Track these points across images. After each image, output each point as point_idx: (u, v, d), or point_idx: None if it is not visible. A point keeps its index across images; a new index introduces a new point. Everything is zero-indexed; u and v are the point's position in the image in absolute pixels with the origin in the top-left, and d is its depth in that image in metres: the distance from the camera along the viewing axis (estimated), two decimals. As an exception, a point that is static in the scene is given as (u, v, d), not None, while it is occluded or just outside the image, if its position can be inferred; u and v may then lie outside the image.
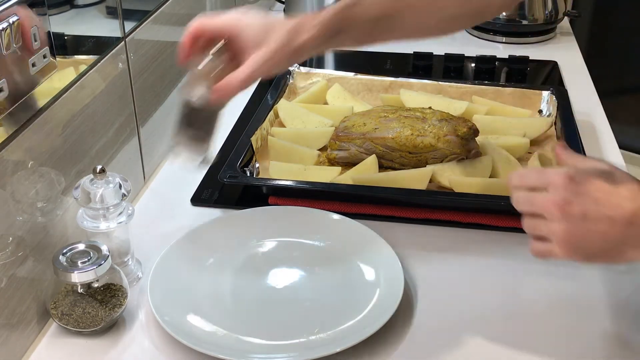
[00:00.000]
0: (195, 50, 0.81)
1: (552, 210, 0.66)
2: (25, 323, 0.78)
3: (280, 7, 1.79)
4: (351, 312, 0.83)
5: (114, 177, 0.82)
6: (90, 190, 0.81)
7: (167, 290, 0.84)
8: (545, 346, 0.80)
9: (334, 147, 1.11)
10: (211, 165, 1.12)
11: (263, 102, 1.24)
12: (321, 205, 0.99)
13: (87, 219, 0.83)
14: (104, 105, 0.95)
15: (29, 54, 0.75)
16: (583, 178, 0.66)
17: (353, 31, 0.83)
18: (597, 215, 0.65)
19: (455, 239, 0.97)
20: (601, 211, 0.65)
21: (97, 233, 0.83)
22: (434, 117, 1.09)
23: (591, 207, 0.65)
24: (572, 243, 0.66)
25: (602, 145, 1.19)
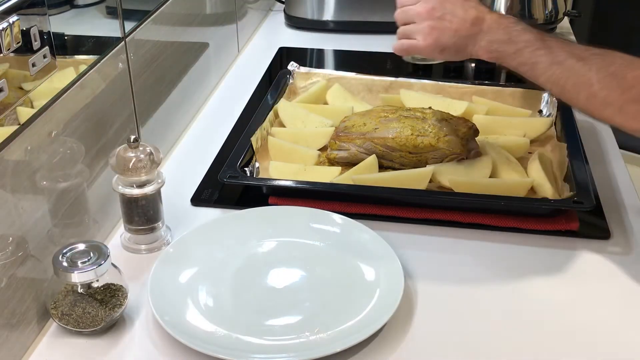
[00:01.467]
0: None
1: (421, 13, 0.92)
2: (25, 323, 0.78)
3: (280, 7, 1.79)
4: (351, 312, 0.83)
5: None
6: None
7: (167, 290, 0.84)
8: (546, 346, 0.80)
9: (334, 147, 1.11)
10: (211, 165, 1.13)
11: (263, 102, 1.24)
12: (321, 205, 0.99)
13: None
14: (104, 105, 0.95)
15: (29, 54, 0.75)
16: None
17: None
18: (452, 17, 0.91)
19: (455, 239, 0.97)
20: (455, 14, 0.91)
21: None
22: (434, 117, 1.09)
23: (448, 12, 0.91)
24: (433, 36, 0.91)
25: (602, 145, 1.19)
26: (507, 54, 0.89)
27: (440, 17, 0.90)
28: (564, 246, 0.95)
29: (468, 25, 0.90)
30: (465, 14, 0.90)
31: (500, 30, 0.89)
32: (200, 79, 1.32)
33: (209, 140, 1.21)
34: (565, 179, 1.02)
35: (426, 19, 0.91)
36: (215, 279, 0.88)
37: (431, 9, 0.91)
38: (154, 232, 0.94)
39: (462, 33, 0.90)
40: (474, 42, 0.90)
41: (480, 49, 0.90)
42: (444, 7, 0.91)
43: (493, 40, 0.89)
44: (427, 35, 0.91)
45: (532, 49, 0.87)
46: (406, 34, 0.94)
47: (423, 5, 0.92)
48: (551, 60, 0.85)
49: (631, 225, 0.99)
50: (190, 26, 1.28)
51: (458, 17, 0.90)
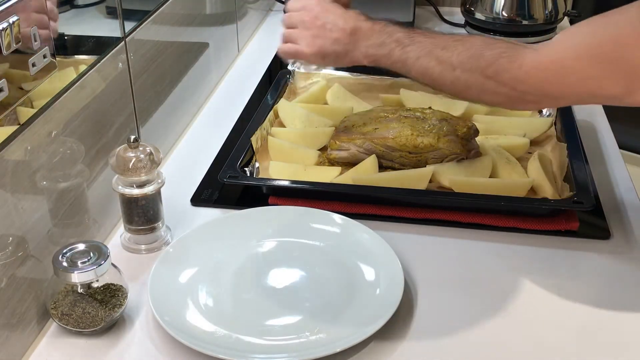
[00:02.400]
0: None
1: (305, 21, 0.98)
2: (25, 323, 0.78)
3: (280, 7, 1.79)
4: (351, 312, 0.83)
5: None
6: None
7: (167, 290, 0.84)
8: (546, 345, 0.80)
9: (334, 147, 1.11)
10: (211, 165, 1.13)
11: (263, 102, 1.24)
12: (321, 205, 0.99)
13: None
14: (104, 105, 0.95)
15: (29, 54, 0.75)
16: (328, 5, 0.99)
17: None
18: (332, 26, 0.97)
19: (455, 239, 0.97)
20: (336, 23, 0.96)
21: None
22: (434, 117, 1.09)
23: (329, 21, 0.97)
24: (315, 44, 0.97)
25: (602, 146, 1.19)
26: (382, 55, 0.94)
27: (321, 25, 0.96)
28: (564, 246, 0.95)
29: (347, 34, 0.95)
30: (345, 23, 0.96)
31: (374, 35, 0.95)
32: (200, 79, 1.32)
33: (209, 140, 1.21)
34: (565, 179, 1.02)
35: (310, 27, 0.97)
36: (215, 279, 0.88)
37: (314, 17, 0.97)
38: (154, 232, 0.94)
39: (342, 41, 0.96)
40: (353, 49, 0.96)
41: (359, 54, 0.96)
42: (326, 17, 0.97)
43: (369, 45, 0.95)
44: (311, 43, 0.97)
45: (401, 47, 0.92)
46: (290, 38, 1.00)
47: (307, 13, 0.98)
48: (418, 53, 0.90)
49: (631, 225, 0.99)
50: (190, 26, 1.28)
51: (338, 27, 0.96)
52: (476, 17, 1.65)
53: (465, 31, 1.70)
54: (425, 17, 1.77)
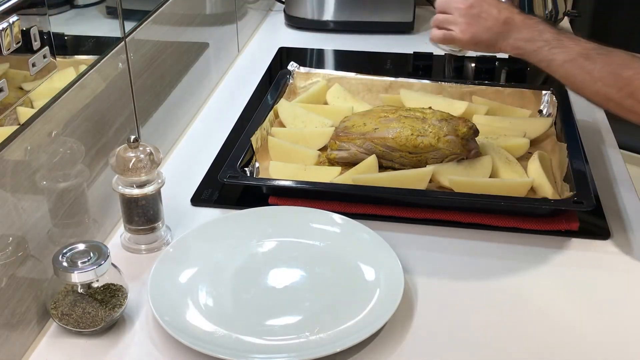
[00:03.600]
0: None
1: (460, 8, 1.04)
2: (25, 323, 0.78)
3: (280, 7, 1.79)
4: (351, 312, 0.83)
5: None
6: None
7: (167, 290, 0.84)
8: (546, 345, 0.80)
9: (334, 147, 1.11)
10: (211, 165, 1.13)
11: (263, 102, 1.24)
12: (321, 205, 0.99)
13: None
14: (104, 105, 0.95)
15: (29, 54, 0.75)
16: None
17: None
18: (487, 15, 1.02)
19: (455, 239, 0.97)
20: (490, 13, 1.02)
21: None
22: (434, 117, 1.09)
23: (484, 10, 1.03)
24: (469, 31, 1.03)
25: (602, 145, 1.19)
26: (529, 51, 1.00)
27: (477, 14, 1.02)
28: (564, 246, 0.95)
29: (500, 23, 1.01)
30: (498, 13, 1.01)
31: (525, 29, 1.00)
32: (200, 79, 1.32)
33: (209, 140, 1.21)
34: (565, 179, 1.02)
35: (464, 15, 1.03)
36: (215, 279, 0.88)
37: (470, 6, 1.03)
38: (154, 232, 0.94)
39: (494, 30, 1.02)
40: (503, 38, 1.02)
41: (507, 45, 1.02)
42: (480, 6, 1.02)
43: (518, 39, 1.01)
44: (465, 29, 1.03)
45: (549, 48, 0.98)
46: (442, 23, 1.05)
47: (462, 1, 1.04)
48: (564, 58, 0.96)
49: (631, 225, 0.99)
50: (190, 26, 1.28)
51: (492, 16, 1.01)
52: (476, 17, 1.65)
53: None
54: (425, 17, 1.77)
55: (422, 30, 1.71)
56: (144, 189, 0.90)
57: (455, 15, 1.04)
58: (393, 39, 1.65)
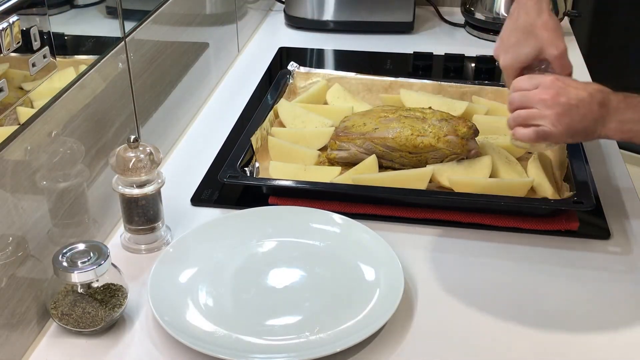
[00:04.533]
0: None
1: (546, 99, 0.87)
2: (25, 323, 0.78)
3: (280, 7, 1.79)
4: (351, 312, 0.83)
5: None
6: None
7: (167, 290, 0.84)
8: (546, 345, 0.80)
9: (334, 147, 1.11)
10: (211, 165, 1.13)
11: (263, 102, 1.24)
12: (321, 205, 0.99)
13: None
14: (104, 105, 0.95)
15: (29, 54, 0.75)
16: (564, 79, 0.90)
17: None
18: (578, 102, 0.87)
19: (455, 239, 0.97)
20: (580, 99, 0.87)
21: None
22: (434, 117, 1.09)
23: (573, 97, 0.87)
24: (563, 123, 0.87)
25: (602, 145, 1.19)
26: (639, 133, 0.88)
27: (565, 102, 0.87)
28: (564, 246, 0.95)
29: (596, 108, 0.87)
30: (591, 97, 0.87)
31: (629, 110, 0.87)
32: (200, 79, 1.32)
33: (209, 140, 1.21)
34: (565, 179, 1.02)
35: (551, 106, 0.87)
36: (215, 279, 0.88)
37: (556, 94, 0.87)
38: (154, 232, 0.94)
39: (590, 116, 0.87)
40: (602, 124, 0.87)
41: (610, 130, 0.88)
42: (567, 92, 0.88)
43: (624, 120, 0.87)
44: (557, 122, 0.87)
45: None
46: (527, 120, 0.89)
47: (546, 91, 0.88)
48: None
49: (631, 225, 0.99)
50: (190, 26, 1.28)
51: (585, 102, 0.87)
52: (476, 17, 1.65)
53: (466, 31, 1.70)
54: (425, 17, 1.77)
55: (422, 30, 1.71)
56: (144, 189, 0.90)
57: (540, 108, 0.88)
58: (393, 39, 1.65)
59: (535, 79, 0.90)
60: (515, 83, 0.92)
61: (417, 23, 1.71)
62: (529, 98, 0.89)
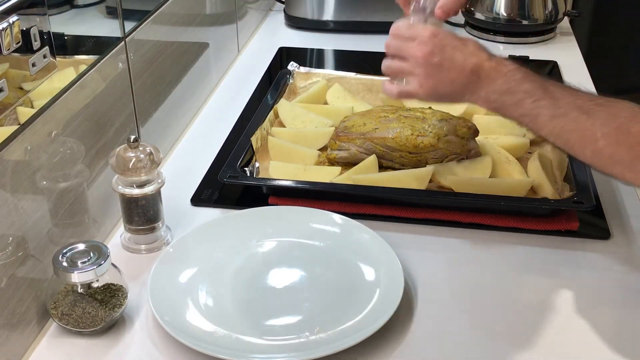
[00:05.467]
0: None
1: (418, 56, 0.84)
2: (25, 323, 0.78)
3: (280, 7, 1.79)
4: (351, 312, 0.83)
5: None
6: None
7: (167, 290, 0.84)
8: (545, 345, 0.80)
9: (334, 147, 1.11)
10: (211, 165, 1.13)
11: (263, 102, 1.24)
12: (321, 205, 0.99)
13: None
14: (104, 105, 0.95)
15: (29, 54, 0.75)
16: (443, 35, 0.85)
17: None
18: (450, 64, 0.83)
19: (455, 239, 0.97)
20: (453, 61, 0.83)
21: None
22: (434, 117, 1.09)
23: (446, 58, 0.83)
24: (429, 83, 0.85)
25: (602, 145, 1.19)
26: (507, 104, 0.83)
27: (437, 63, 0.83)
28: (564, 246, 0.95)
29: (467, 73, 0.83)
30: (464, 61, 0.83)
31: (499, 79, 0.83)
32: (200, 79, 1.32)
33: (209, 140, 1.21)
34: (565, 179, 1.02)
35: (422, 64, 0.84)
36: (215, 279, 0.88)
37: (429, 53, 0.84)
38: (154, 232, 0.94)
39: (459, 81, 0.84)
40: (472, 91, 0.84)
41: (479, 98, 0.84)
42: (442, 52, 0.84)
43: (491, 91, 0.83)
44: (424, 83, 0.85)
45: (532, 100, 0.81)
46: (396, 71, 0.88)
47: (421, 47, 0.84)
48: (553, 112, 0.79)
49: (631, 225, 0.99)
50: (190, 26, 1.28)
51: (456, 65, 0.83)
52: (476, 17, 1.65)
53: (466, 31, 1.70)
54: (425, 17, 1.77)
55: (422, 30, 1.71)
56: (144, 189, 0.90)
57: (411, 63, 0.85)
58: (393, 39, 1.65)
59: (414, 28, 0.87)
60: (394, 28, 0.89)
61: (417, 23, 1.71)
62: (403, 50, 0.87)
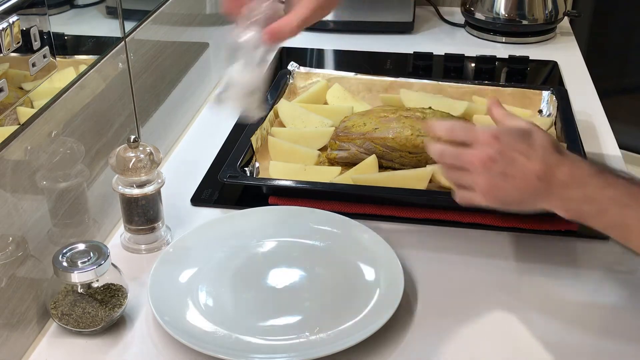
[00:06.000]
0: None
1: (477, 165, 0.76)
2: (25, 323, 0.78)
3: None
4: (351, 312, 0.83)
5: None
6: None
7: (167, 290, 0.84)
8: (545, 345, 0.80)
9: (334, 147, 1.11)
10: (211, 165, 1.13)
11: (263, 102, 1.24)
12: (321, 205, 0.99)
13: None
14: (104, 105, 0.95)
15: (29, 54, 0.75)
16: (505, 138, 0.76)
17: None
18: (514, 172, 0.75)
19: (455, 239, 0.97)
20: (517, 167, 0.75)
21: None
22: (434, 117, 1.09)
23: (510, 166, 0.75)
24: (492, 193, 0.77)
25: (602, 145, 1.19)
26: (589, 214, 0.75)
27: (500, 171, 0.75)
28: (564, 246, 0.95)
29: (534, 181, 0.74)
30: (530, 167, 0.74)
31: (574, 186, 0.74)
32: (200, 79, 1.32)
33: (209, 140, 1.21)
34: (565, 179, 1.02)
35: (483, 173, 0.75)
36: (215, 279, 0.88)
37: (489, 159, 0.75)
38: (154, 232, 0.94)
39: (527, 190, 0.75)
40: (543, 198, 0.75)
41: (554, 207, 0.76)
42: (504, 157, 0.75)
43: (567, 199, 0.75)
44: (487, 192, 0.76)
45: (618, 208, 0.73)
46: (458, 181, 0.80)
47: (479, 153, 0.75)
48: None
49: (631, 225, 0.99)
50: (190, 26, 1.28)
51: (521, 172, 0.74)
52: (476, 17, 1.65)
53: (466, 31, 1.70)
54: (425, 17, 1.77)
55: (422, 30, 1.71)
56: (144, 188, 0.90)
57: (471, 172, 0.77)
58: (393, 39, 1.65)
59: (472, 130, 0.78)
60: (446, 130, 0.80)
61: (417, 23, 1.71)
62: (460, 159, 0.77)
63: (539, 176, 0.74)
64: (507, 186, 0.75)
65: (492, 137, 0.76)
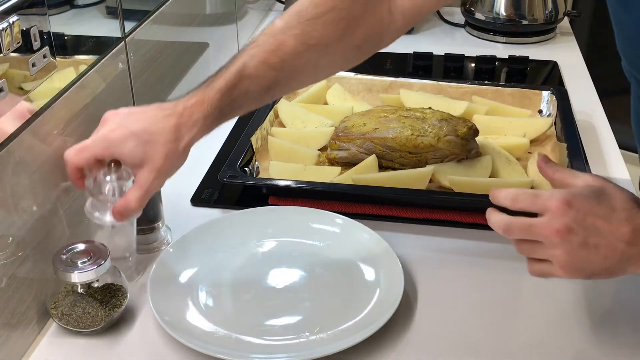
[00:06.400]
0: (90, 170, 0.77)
1: (552, 238, 0.66)
2: (25, 323, 0.78)
3: (280, 7, 1.79)
4: (351, 312, 0.83)
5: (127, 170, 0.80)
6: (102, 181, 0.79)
7: (167, 290, 0.84)
8: (545, 345, 0.80)
9: (334, 147, 1.11)
10: (211, 165, 1.13)
11: (263, 102, 1.24)
12: (321, 205, 0.99)
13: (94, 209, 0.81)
14: (104, 105, 0.95)
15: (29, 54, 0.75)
16: (579, 203, 0.67)
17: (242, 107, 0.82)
18: (597, 241, 0.66)
19: (455, 239, 0.97)
20: (601, 234, 0.66)
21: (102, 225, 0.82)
22: (434, 117, 1.09)
23: (591, 235, 0.66)
24: (575, 266, 0.67)
25: (602, 145, 1.19)
26: None
27: (581, 243, 0.66)
28: (564, 246, 0.95)
29: (622, 247, 0.65)
30: (615, 232, 0.66)
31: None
32: (200, 79, 1.32)
33: (209, 140, 1.20)
34: (565, 179, 1.02)
35: (560, 245, 0.66)
36: (215, 279, 0.88)
37: (566, 230, 0.65)
38: (154, 232, 0.94)
39: (614, 257, 0.66)
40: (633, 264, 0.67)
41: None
42: (583, 226, 0.65)
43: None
44: (566, 265, 0.67)
45: None
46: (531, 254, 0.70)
47: (554, 224, 0.66)
48: None
49: (631, 225, 0.99)
50: (190, 26, 1.28)
51: (606, 239, 0.66)
52: (476, 17, 1.65)
53: (466, 31, 1.70)
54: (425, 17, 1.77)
55: (422, 30, 1.71)
56: None
57: (545, 246, 0.67)
58: (393, 39, 1.65)
59: (539, 198, 0.68)
60: (511, 200, 0.70)
61: (417, 23, 1.71)
62: (531, 233, 0.68)
63: (628, 241, 0.66)
64: (592, 257, 0.66)
65: (564, 203, 0.66)
